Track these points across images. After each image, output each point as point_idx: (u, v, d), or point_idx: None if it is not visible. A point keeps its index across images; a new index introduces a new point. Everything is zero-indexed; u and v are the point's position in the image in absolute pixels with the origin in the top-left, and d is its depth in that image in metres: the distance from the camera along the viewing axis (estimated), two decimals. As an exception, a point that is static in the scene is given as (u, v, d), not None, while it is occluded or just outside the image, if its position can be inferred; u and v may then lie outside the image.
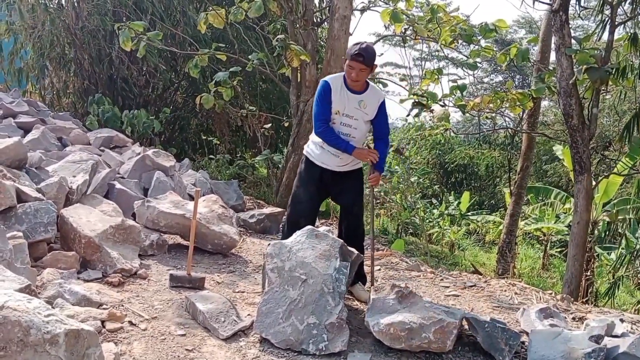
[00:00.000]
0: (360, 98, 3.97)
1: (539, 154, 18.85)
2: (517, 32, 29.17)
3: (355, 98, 3.96)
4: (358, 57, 3.78)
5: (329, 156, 4.04)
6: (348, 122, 4.00)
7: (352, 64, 3.82)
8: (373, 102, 4.01)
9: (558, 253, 13.38)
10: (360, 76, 3.87)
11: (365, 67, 3.84)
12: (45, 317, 2.09)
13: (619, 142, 7.03)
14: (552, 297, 4.68)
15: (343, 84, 3.96)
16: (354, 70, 3.83)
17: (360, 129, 4.04)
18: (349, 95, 3.95)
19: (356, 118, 4.00)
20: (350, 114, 3.98)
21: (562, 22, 6.28)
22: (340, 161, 4.05)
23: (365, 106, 3.99)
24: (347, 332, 3.27)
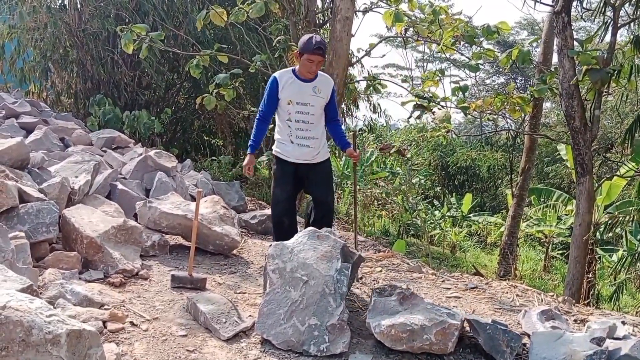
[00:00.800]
0: (313, 85, 4.19)
1: (541, 155, 18.83)
2: (520, 33, 29.16)
3: (309, 86, 4.18)
4: (318, 51, 4.02)
5: (300, 149, 4.25)
6: (304, 110, 4.21)
7: (312, 58, 4.03)
8: (327, 87, 4.25)
9: (560, 255, 13.37)
10: (318, 67, 4.15)
11: (323, 58, 4.13)
12: (47, 318, 2.09)
13: (621, 145, 7.03)
14: (553, 299, 4.67)
15: (293, 75, 4.19)
16: (314, 63, 4.07)
17: (317, 115, 4.26)
18: (301, 85, 4.18)
19: (312, 104, 4.22)
20: (306, 102, 4.19)
21: (564, 24, 6.28)
22: (312, 150, 4.27)
23: (320, 91, 4.21)
24: (349, 334, 3.27)
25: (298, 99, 4.19)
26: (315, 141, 4.27)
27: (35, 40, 10.03)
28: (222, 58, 7.87)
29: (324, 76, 4.30)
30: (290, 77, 4.19)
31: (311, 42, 4.03)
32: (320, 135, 4.33)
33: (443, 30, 7.56)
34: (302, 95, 4.18)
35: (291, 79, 4.18)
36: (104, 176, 5.45)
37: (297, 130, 4.24)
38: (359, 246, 6.06)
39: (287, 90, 4.18)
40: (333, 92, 4.32)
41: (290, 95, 4.18)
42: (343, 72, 7.79)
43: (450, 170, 19.86)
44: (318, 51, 4.01)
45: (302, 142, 4.24)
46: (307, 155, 4.27)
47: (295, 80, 4.18)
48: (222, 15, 7.32)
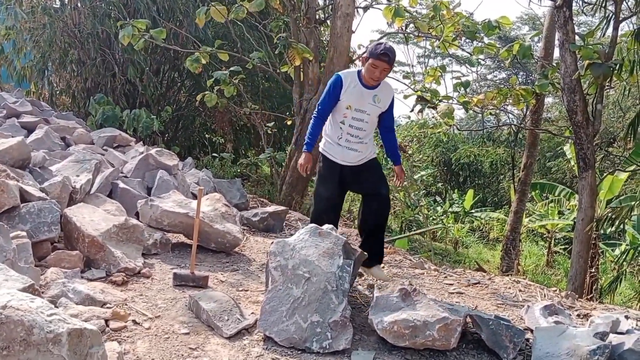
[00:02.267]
0: (374, 93, 4.05)
1: (543, 150, 18.82)
2: (521, 28, 29.08)
3: (370, 93, 4.04)
4: (384, 57, 3.86)
5: (347, 152, 4.17)
6: (360, 117, 4.10)
7: (377, 64, 3.89)
8: (387, 96, 4.12)
9: (562, 250, 13.36)
10: (383, 75, 3.98)
11: (389, 66, 3.93)
12: (48, 317, 2.09)
13: (624, 139, 7.01)
14: (556, 294, 4.67)
15: (358, 79, 4.03)
16: (378, 70, 3.91)
17: (371, 123, 4.16)
18: (363, 91, 4.03)
19: (368, 113, 4.10)
20: (363, 109, 4.07)
21: (565, 18, 6.26)
22: (359, 154, 4.19)
23: (379, 100, 4.08)
24: (351, 330, 3.26)
25: (357, 105, 4.06)
26: (364, 146, 4.19)
27: (33, 40, 10.03)
28: (223, 56, 7.87)
29: (386, 85, 4.15)
30: (355, 80, 4.05)
31: (379, 47, 3.90)
32: (369, 141, 4.25)
33: (444, 25, 7.54)
34: (362, 102, 4.06)
35: (355, 82, 4.05)
36: (105, 175, 5.45)
37: (348, 134, 4.14)
38: (361, 243, 6.05)
39: (349, 94, 4.05)
40: (392, 101, 4.20)
41: (350, 100, 4.05)
42: (344, 69, 7.78)
43: (452, 166, 19.85)
44: (384, 57, 3.87)
45: (351, 145, 4.16)
46: (353, 159, 4.20)
47: (358, 84, 4.04)
48: (222, 12, 7.31)
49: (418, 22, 7.82)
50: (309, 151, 4.22)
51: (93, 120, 8.76)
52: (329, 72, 7.72)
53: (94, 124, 8.69)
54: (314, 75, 7.92)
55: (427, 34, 8.08)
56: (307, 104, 7.85)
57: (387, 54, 3.86)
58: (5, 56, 10.54)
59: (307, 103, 7.86)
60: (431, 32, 7.92)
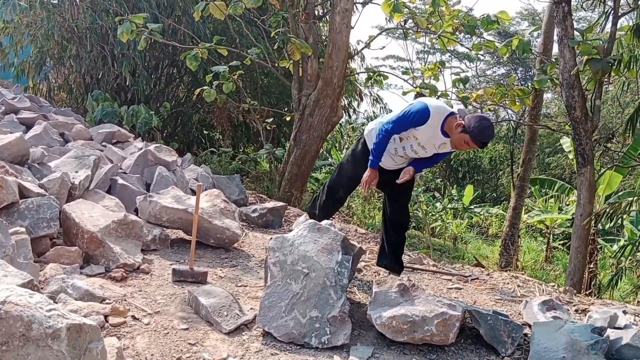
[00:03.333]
0: (444, 141, 3.95)
1: (542, 146, 18.83)
2: (520, 24, 29.04)
3: (440, 139, 3.94)
4: (482, 145, 3.81)
5: (388, 158, 4.17)
6: (417, 150, 4.06)
7: (471, 144, 3.78)
8: (449, 147, 4.02)
9: (561, 245, 13.37)
10: (464, 148, 3.92)
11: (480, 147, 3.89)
12: (47, 312, 2.09)
13: (623, 135, 7.01)
14: (554, 289, 4.68)
15: (441, 124, 3.87)
16: (466, 146, 3.84)
17: (420, 156, 4.16)
18: (437, 135, 3.91)
19: (427, 152, 4.06)
20: (426, 147, 4.02)
21: (564, 14, 6.26)
22: (394, 164, 4.22)
23: (444, 148, 4.02)
24: (350, 326, 3.27)
25: (423, 142, 4.00)
26: (403, 161, 4.22)
27: (31, 35, 10.00)
28: (222, 51, 7.85)
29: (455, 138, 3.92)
30: (438, 124, 3.85)
31: (485, 132, 3.69)
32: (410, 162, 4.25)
33: (443, 21, 7.54)
34: (429, 142, 3.98)
35: (437, 125, 3.86)
36: (104, 171, 5.44)
37: (396, 150, 4.12)
38: (359, 238, 6.07)
39: (424, 131, 3.90)
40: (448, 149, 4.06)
41: (421, 136, 3.95)
42: (343, 65, 7.78)
43: (451, 162, 19.85)
44: (478, 144, 3.76)
45: (394, 157, 4.17)
46: (387, 165, 4.21)
47: (438, 127, 3.86)
48: (221, 7, 7.29)
49: (417, 18, 7.81)
50: (374, 167, 4.10)
51: (91, 116, 8.74)
52: (328, 68, 7.72)
53: (92, 120, 8.67)
54: (313, 71, 7.91)
55: (426, 30, 8.07)
56: (306, 100, 7.84)
57: (486, 144, 3.82)
58: (2, 50, 10.51)
59: (306, 99, 7.85)
60: (430, 27, 7.91)
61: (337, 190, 4.42)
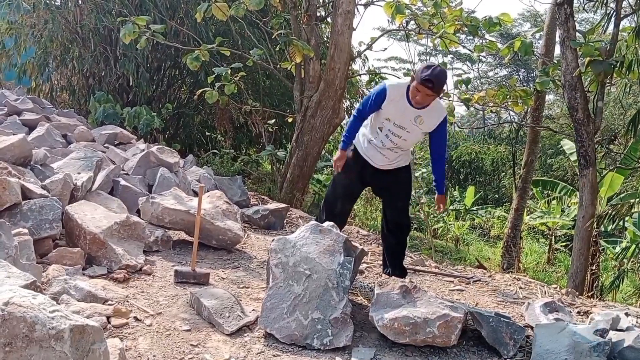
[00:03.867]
0: (418, 113, 3.83)
1: (544, 148, 18.80)
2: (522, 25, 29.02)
3: (413, 112, 3.83)
4: (427, 84, 3.63)
5: (374, 152, 4.07)
6: (398, 133, 3.92)
7: (419, 88, 3.67)
8: (432, 120, 3.88)
9: (563, 247, 13.36)
10: (426, 100, 3.75)
11: (433, 94, 3.70)
12: (50, 313, 2.10)
13: (625, 137, 7.00)
14: (557, 291, 4.67)
15: (405, 95, 3.81)
16: (420, 94, 3.70)
17: (410, 140, 4.00)
18: (406, 108, 3.82)
19: (408, 131, 3.90)
20: (404, 126, 3.89)
21: (566, 15, 6.26)
22: (385, 159, 4.07)
23: (422, 122, 3.86)
24: (352, 327, 3.27)
25: (397, 120, 3.88)
26: (395, 155, 4.06)
27: (35, 36, 10.02)
28: (224, 52, 7.87)
29: (436, 108, 3.88)
30: (401, 94, 3.82)
31: (425, 71, 3.63)
32: (403, 153, 4.12)
33: (445, 23, 7.54)
34: (403, 119, 3.86)
35: (400, 97, 3.82)
36: (107, 172, 5.46)
37: (381, 142, 4.01)
38: (361, 240, 6.06)
39: (391, 106, 3.86)
40: (442, 125, 3.92)
41: (391, 114, 3.88)
42: (345, 66, 7.79)
43: (453, 163, 19.84)
44: (427, 83, 3.62)
45: (383, 151, 4.03)
46: (379, 162, 4.08)
47: (403, 99, 3.81)
48: (223, 9, 7.30)
49: (419, 19, 7.81)
50: (344, 148, 4.08)
51: (94, 117, 8.76)
52: (330, 70, 7.72)
53: (94, 121, 8.69)
54: (315, 73, 7.92)
55: (428, 31, 8.07)
56: (308, 102, 7.85)
57: (431, 81, 3.61)
58: (6, 52, 10.53)
59: (308, 100, 7.86)
60: (432, 29, 7.91)
61: (334, 204, 4.24)
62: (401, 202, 4.28)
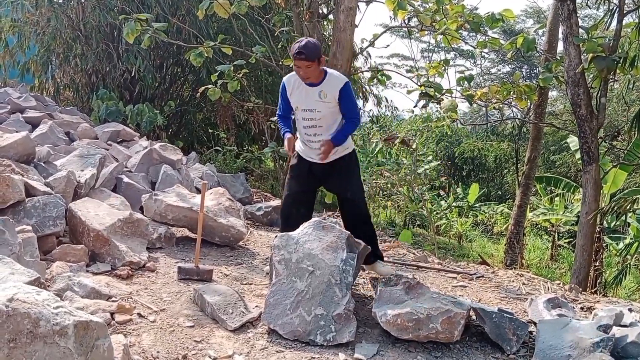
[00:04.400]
0: (319, 89, 3.93)
1: (547, 144, 18.76)
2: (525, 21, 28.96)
3: (314, 91, 3.94)
4: (299, 56, 3.77)
5: (308, 149, 4.11)
6: (311, 116, 4.01)
7: (297, 63, 3.83)
8: (333, 89, 3.93)
9: (566, 243, 13.33)
10: (309, 73, 3.85)
11: (310, 62, 3.79)
12: (54, 309, 2.11)
13: (628, 133, 6.98)
14: (560, 287, 4.67)
15: (299, 79, 3.96)
16: (301, 69, 3.84)
17: (325, 119, 4.01)
18: (307, 90, 3.96)
19: (319, 110, 3.98)
20: (312, 108, 3.98)
21: (569, 11, 6.23)
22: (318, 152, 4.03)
23: (325, 95, 3.94)
24: (355, 323, 3.28)
25: (304, 105, 4.00)
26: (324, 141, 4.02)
27: (37, 34, 10.03)
28: (226, 50, 7.86)
29: (332, 78, 3.98)
30: (297, 81, 3.98)
31: (294, 47, 3.82)
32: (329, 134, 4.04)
33: (447, 19, 7.51)
34: (308, 101, 3.97)
35: (298, 83, 3.98)
36: (110, 169, 5.47)
37: (305, 134, 4.09)
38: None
39: (295, 95, 4.03)
40: (343, 91, 3.94)
41: (297, 102, 4.03)
42: (347, 63, 7.76)
43: (456, 160, 19.82)
44: (299, 56, 3.76)
45: (312, 145, 4.08)
46: (316, 156, 4.09)
47: (301, 84, 3.96)
48: (225, 6, 7.28)
49: (421, 16, 7.78)
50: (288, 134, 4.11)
51: (97, 115, 8.77)
52: (332, 67, 7.70)
53: (97, 118, 8.70)
54: (318, 70, 7.90)
55: (430, 28, 8.05)
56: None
57: (302, 52, 3.75)
58: (9, 50, 10.55)
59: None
60: (434, 25, 7.88)
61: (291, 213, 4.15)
62: (350, 192, 4.19)
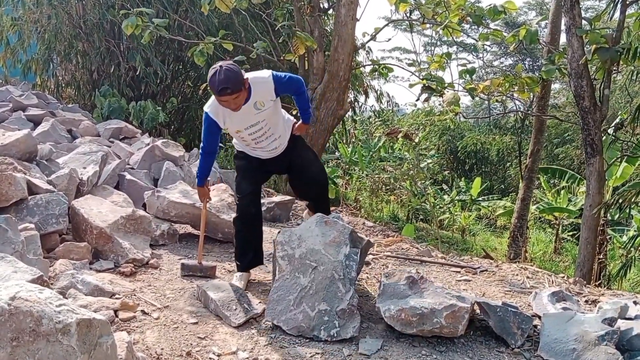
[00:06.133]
0: (253, 102, 3.55)
1: (550, 137, 18.70)
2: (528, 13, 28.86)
3: (248, 107, 3.55)
4: (225, 92, 3.31)
5: (264, 153, 3.90)
6: (257, 129, 3.69)
7: (223, 99, 3.37)
8: (266, 92, 3.58)
9: (570, 236, 13.31)
10: (238, 101, 3.43)
11: (238, 93, 3.36)
12: (56, 307, 2.10)
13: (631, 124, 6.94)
14: (564, 280, 4.65)
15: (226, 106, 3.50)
16: (229, 103, 3.41)
17: (271, 122, 3.73)
18: (241, 111, 3.52)
19: (262, 119, 3.65)
20: (254, 122, 3.64)
21: (572, 3, 6.19)
22: (277, 149, 3.90)
23: (263, 104, 3.60)
24: (358, 318, 3.27)
25: (246, 124, 3.64)
26: (278, 140, 3.84)
27: (38, 32, 10.03)
28: (227, 45, 7.84)
29: (257, 84, 3.54)
30: (223, 109, 3.53)
31: (214, 82, 3.31)
32: (283, 131, 3.87)
33: (449, 12, 7.48)
34: (247, 118, 3.61)
35: (223, 111, 3.54)
36: (112, 167, 5.47)
37: (255, 146, 3.82)
38: (367, 232, 6.06)
39: (229, 123, 3.63)
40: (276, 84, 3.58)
41: (236, 126, 3.66)
42: (348, 57, 7.75)
43: (459, 154, 19.78)
44: (224, 92, 3.31)
45: (265, 149, 3.85)
46: (273, 154, 3.91)
47: (227, 110, 3.52)
48: (226, 1, 7.27)
49: (422, 8, 7.75)
50: (201, 185, 3.87)
51: (99, 112, 8.77)
52: (334, 61, 7.69)
53: (100, 116, 8.70)
54: (319, 65, 7.89)
55: (432, 21, 8.02)
56: (312, 94, 7.82)
57: (227, 88, 3.29)
58: (11, 48, 10.55)
59: (312, 92, 7.83)
60: (436, 18, 7.85)
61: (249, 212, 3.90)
62: (314, 166, 4.06)
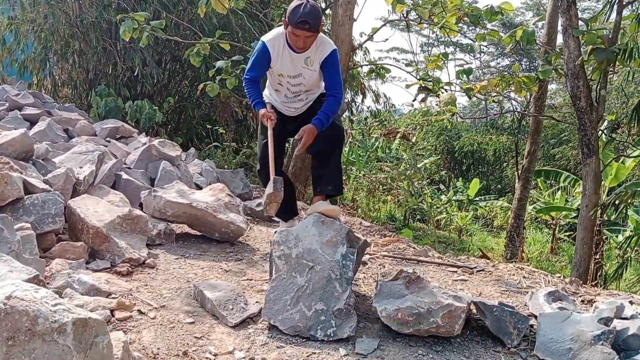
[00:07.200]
0: (306, 55, 3.62)
1: (547, 137, 18.74)
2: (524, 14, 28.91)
3: (300, 57, 3.63)
4: (303, 25, 3.38)
5: (285, 107, 3.93)
6: (297, 82, 3.75)
7: (297, 32, 3.43)
8: (319, 55, 3.64)
9: (567, 237, 13.35)
10: (308, 43, 3.51)
11: (313, 33, 3.44)
12: (52, 307, 2.10)
13: (628, 125, 6.97)
14: (560, 280, 4.66)
15: (286, 44, 3.60)
16: (300, 39, 3.47)
17: (310, 84, 3.78)
18: (293, 56, 3.62)
19: (304, 76, 3.72)
20: (297, 74, 3.70)
21: (569, 3, 6.21)
22: (296, 111, 3.94)
23: (312, 63, 3.66)
24: (355, 318, 3.27)
25: (290, 72, 3.70)
26: (305, 102, 3.90)
27: (35, 31, 10.01)
28: (224, 45, 7.84)
29: (321, 44, 3.63)
30: (282, 45, 3.60)
31: (297, 12, 3.37)
32: (312, 96, 3.90)
33: (446, 12, 7.49)
34: (294, 68, 3.67)
35: (282, 48, 3.61)
36: (109, 166, 5.45)
37: (285, 97, 3.86)
38: (364, 231, 6.06)
39: (279, 62, 3.67)
40: (328, 60, 3.65)
41: (282, 69, 3.69)
42: (346, 58, 7.75)
43: (456, 154, 19.81)
44: (303, 25, 3.37)
45: (291, 105, 3.89)
46: (294, 113, 3.93)
47: (286, 49, 3.60)
48: (223, 1, 7.26)
49: (419, 9, 7.76)
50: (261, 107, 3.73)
51: (95, 111, 8.76)
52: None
53: (96, 115, 8.69)
54: (316, 64, 7.88)
55: (429, 21, 8.03)
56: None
57: (307, 22, 3.35)
58: (7, 47, 10.53)
59: (310, 92, 7.84)
60: (433, 19, 7.86)
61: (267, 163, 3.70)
62: None
